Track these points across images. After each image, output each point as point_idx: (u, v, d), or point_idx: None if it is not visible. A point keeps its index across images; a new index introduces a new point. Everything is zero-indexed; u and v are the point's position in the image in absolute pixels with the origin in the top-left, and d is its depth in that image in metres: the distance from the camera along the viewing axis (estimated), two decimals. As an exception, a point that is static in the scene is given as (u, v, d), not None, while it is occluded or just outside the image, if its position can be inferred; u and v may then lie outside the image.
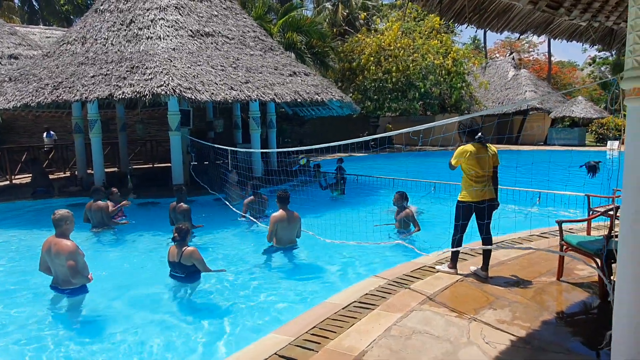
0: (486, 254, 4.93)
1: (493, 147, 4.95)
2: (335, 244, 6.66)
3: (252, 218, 8.38)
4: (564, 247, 4.74)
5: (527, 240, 6.27)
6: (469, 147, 4.81)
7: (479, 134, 4.88)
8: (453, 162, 4.87)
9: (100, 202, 8.27)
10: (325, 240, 6.64)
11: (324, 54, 24.06)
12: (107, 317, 4.79)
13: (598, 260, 4.25)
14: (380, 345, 3.49)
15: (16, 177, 14.89)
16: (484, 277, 4.90)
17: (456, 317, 3.95)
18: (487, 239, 4.96)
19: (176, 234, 5.34)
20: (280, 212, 6.60)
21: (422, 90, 24.86)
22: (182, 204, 7.77)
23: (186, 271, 5.28)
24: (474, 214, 4.88)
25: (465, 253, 5.53)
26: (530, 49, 49.87)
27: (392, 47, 25.36)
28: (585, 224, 6.27)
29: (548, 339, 3.52)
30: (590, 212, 6.06)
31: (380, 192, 11.84)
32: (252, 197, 8.67)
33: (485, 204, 4.82)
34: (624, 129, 2.49)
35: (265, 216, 8.46)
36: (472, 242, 5.47)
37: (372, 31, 27.86)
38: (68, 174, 15.46)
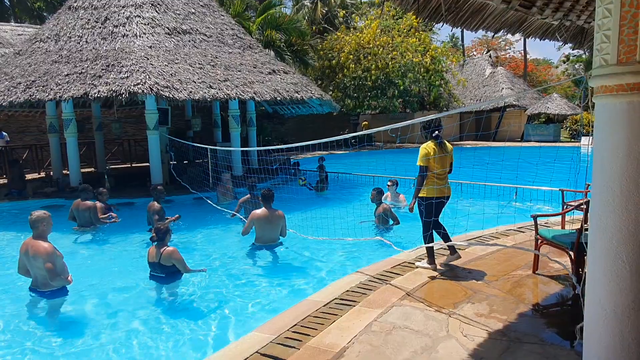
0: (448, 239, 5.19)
1: (449, 145, 5.17)
2: (317, 241, 6.69)
3: (243, 217, 8.25)
4: (539, 240, 4.86)
5: (504, 235, 6.40)
6: (431, 145, 4.99)
7: (436, 132, 5.00)
8: (420, 163, 4.96)
9: (88, 201, 8.10)
10: (308, 237, 6.65)
11: (303, 52, 24.06)
12: (87, 319, 4.71)
13: (571, 253, 4.37)
14: (361, 341, 3.52)
15: (-12, 178, 14.46)
16: (457, 258, 5.18)
17: (435, 311, 4.01)
18: (445, 234, 5.18)
19: (154, 234, 5.28)
20: (261, 210, 6.59)
21: (402, 87, 25.07)
22: (154, 202, 7.65)
23: (166, 271, 5.23)
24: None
25: (444, 249, 5.61)
26: (507, 47, 50.71)
27: (371, 45, 25.49)
28: (560, 218, 6.44)
29: (524, 331, 3.61)
30: (564, 207, 6.22)
31: (361, 189, 11.91)
32: (247, 196, 8.39)
33: (444, 200, 5.04)
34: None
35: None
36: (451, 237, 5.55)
37: (351, 29, 27.95)
38: (43, 174, 15.09)
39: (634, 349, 2.38)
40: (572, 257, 4.35)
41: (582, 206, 4.93)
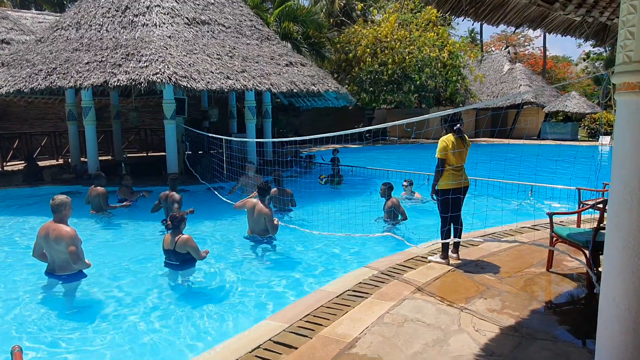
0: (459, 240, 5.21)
1: (468, 139, 5.18)
2: (328, 235, 6.73)
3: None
4: (554, 238, 4.83)
5: (519, 232, 6.37)
6: (450, 138, 4.97)
7: (457, 125, 4.99)
8: (439, 156, 4.96)
9: (99, 187, 8.34)
10: (313, 232, 6.70)
11: (320, 45, 23.98)
12: (102, 304, 4.82)
13: (586, 252, 4.34)
14: (373, 333, 3.56)
15: (8, 164, 14.77)
16: (455, 258, 5.19)
17: (447, 305, 4.03)
18: (458, 230, 5.20)
19: (169, 222, 5.37)
20: (248, 200, 6.77)
21: (418, 82, 24.88)
22: (173, 193, 7.73)
23: (180, 259, 5.32)
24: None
25: (464, 245, 5.61)
26: (526, 43, 49.97)
27: (388, 39, 25.31)
28: (575, 216, 6.39)
29: (536, 327, 3.61)
30: (581, 205, 6.16)
31: (375, 182, 11.91)
32: (274, 189, 8.21)
33: (461, 193, 5.04)
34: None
35: (289, 209, 8.42)
36: (465, 233, 5.56)
37: (369, 22, 27.78)
38: (61, 161, 15.37)
39: (648, 348, 2.37)
40: (587, 255, 4.33)
41: (599, 205, 4.89)
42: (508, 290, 4.36)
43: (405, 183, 9.43)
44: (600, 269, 4.18)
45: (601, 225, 4.28)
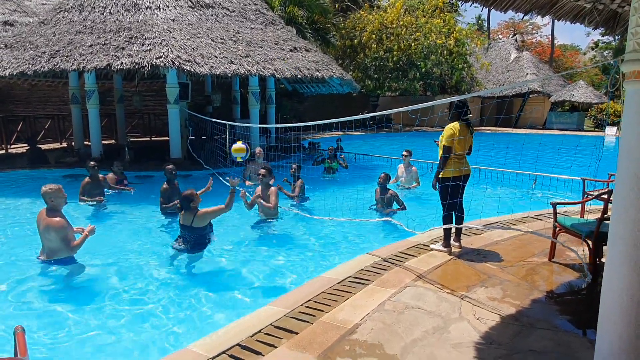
0: (460, 228, 5.21)
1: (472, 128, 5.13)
2: (330, 221, 6.73)
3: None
4: (557, 228, 4.81)
5: (522, 222, 6.35)
6: (456, 126, 4.94)
7: (469, 114, 4.98)
8: (446, 143, 4.93)
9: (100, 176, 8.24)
10: (314, 217, 6.68)
11: (325, 30, 23.70)
12: (100, 287, 4.79)
13: (589, 242, 4.32)
14: (373, 319, 3.57)
15: (12, 146, 14.81)
16: (457, 247, 5.18)
17: (448, 293, 4.04)
18: (460, 217, 5.18)
19: (179, 204, 5.44)
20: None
21: (423, 70, 24.65)
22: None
23: (195, 236, 5.37)
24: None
25: (466, 234, 5.60)
26: (534, 31, 49.37)
27: (394, 25, 25.03)
28: (580, 207, 6.35)
29: (537, 317, 3.61)
30: (585, 196, 6.13)
31: (378, 171, 11.86)
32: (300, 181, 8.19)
33: (461, 181, 5.02)
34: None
35: (306, 199, 8.36)
36: (467, 221, 5.55)
37: (375, 8, 27.42)
38: (65, 145, 15.39)
39: (649, 339, 2.37)
40: (590, 246, 4.31)
41: (604, 196, 4.86)
42: (509, 279, 4.36)
43: (405, 153, 9.31)
44: (603, 260, 4.17)
45: (605, 216, 4.26)
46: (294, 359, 3.04)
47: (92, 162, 8.17)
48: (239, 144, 4.64)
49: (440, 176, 5.02)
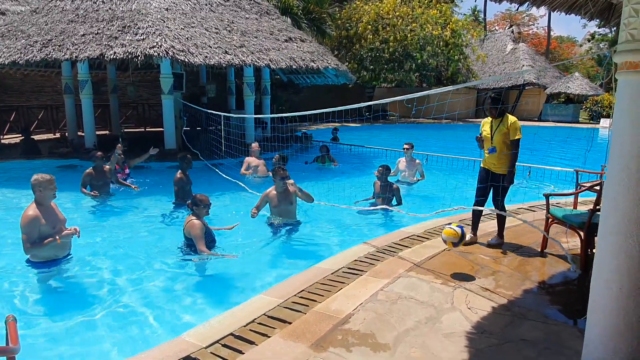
0: (499, 223, 5.14)
1: (510, 121, 4.90)
2: (326, 212, 6.74)
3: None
4: (550, 219, 4.84)
5: (515, 213, 6.37)
6: (487, 118, 5.12)
7: (496, 104, 4.97)
8: (520, 137, 4.87)
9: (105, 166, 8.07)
10: (321, 204, 6.64)
11: (320, 21, 23.56)
12: (95, 279, 4.76)
13: (581, 233, 4.36)
14: (366, 309, 3.59)
15: (5, 137, 14.69)
16: (499, 243, 5.11)
17: (441, 284, 4.06)
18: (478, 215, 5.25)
19: (190, 204, 5.31)
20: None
21: (419, 61, 24.60)
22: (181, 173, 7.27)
23: (186, 243, 5.27)
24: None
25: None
26: (530, 23, 49.31)
27: (390, 16, 24.92)
28: (573, 198, 6.39)
29: (528, 307, 3.64)
30: (578, 187, 6.16)
31: (374, 162, 11.88)
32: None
33: (489, 175, 5.04)
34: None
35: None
36: (461, 212, 5.57)
37: (371, -2, 27.24)
38: (58, 135, 15.28)
39: (638, 328, 2.39)
40: (582, 237, 4.34)
41: (596, 187, 4.88)
42: (502, 270, 4.39)
43: (406, 146, 8.96)
44: (594, 251, 4.20)
45: (597, 207, 4.28)
46: (287, 348, 3.06)
47: (99, 152, 7.78)
48: (454, 227, 4.22)
49: (482, 166, 5.14)
